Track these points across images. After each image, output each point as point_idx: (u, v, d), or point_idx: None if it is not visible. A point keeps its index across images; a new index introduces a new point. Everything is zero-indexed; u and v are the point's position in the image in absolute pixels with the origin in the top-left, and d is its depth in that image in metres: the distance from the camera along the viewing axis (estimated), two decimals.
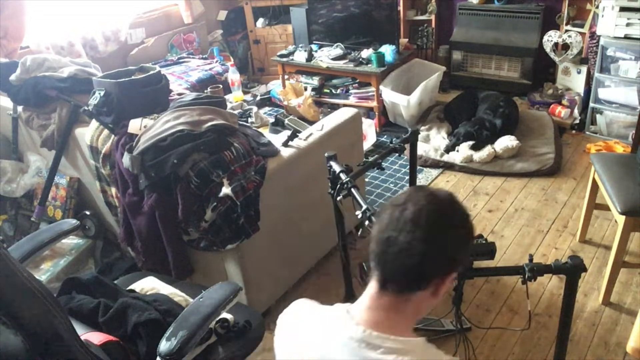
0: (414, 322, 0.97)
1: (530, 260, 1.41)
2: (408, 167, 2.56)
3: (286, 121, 3.44)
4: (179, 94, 2.44)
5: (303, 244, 2.35)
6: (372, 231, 0.94)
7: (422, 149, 3.38)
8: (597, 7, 3.36)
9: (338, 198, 1.81)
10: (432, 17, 4.31)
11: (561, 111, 3.71)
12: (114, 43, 3.78)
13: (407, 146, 2.40)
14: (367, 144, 3.53)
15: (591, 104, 3.52)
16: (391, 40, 3.82)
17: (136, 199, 2.03)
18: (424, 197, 0.90)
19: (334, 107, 3.71)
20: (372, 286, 0.93)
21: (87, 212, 2.61)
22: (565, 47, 3.71)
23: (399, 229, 0.87)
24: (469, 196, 3.04)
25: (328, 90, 4.03)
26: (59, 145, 2.41)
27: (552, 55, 3.78)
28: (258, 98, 4.36)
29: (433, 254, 0.87)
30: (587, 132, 3.61)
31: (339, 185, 1.79)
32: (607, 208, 2.27)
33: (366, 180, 3.19)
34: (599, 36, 3.34)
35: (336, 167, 1.86)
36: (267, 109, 4.29)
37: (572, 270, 1.41)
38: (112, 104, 2.10)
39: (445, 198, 0.93)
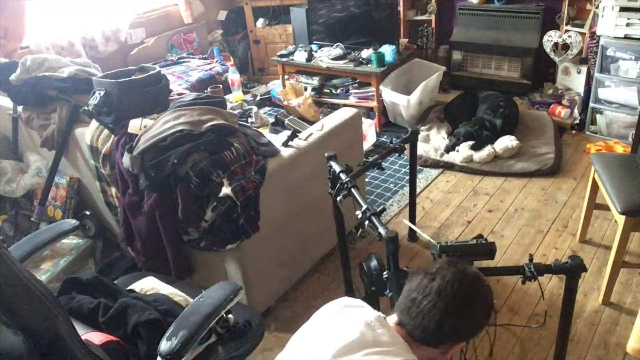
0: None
1: (531, 260, 1.41)
2: (408, 167, 2.56)
3: (286, 121, 3.44)
4: (179, 94, 2.44)
5: (303, 243, 2.36)
6: (405, 287, 1.08)
7: (422, 149, 3.38)
8: (597, 7, 3.36)
9: (338, 198, 1.81)
10: (432, 17, 4.31)
11: (561, 111, 3.71)
12: (114, 43, 3.78)
13: (407, 146, 2.40)
14: (367, 144, 3.54)
15: (591, 104, 3.52)
16: (391, 40, 3.82)
17: (136, 199, 2.03)
18: (453, 273, 1.03)
19: (334, 107, 3.71)
20: (394, 317, 1.09)
21: (87, 212, 2.61)
22: (565, 47, 3.71)
23: (424, 294, 1.02)
24: (469, 196, 3.04)
25: (328, 90, 4.03)
26: (59, 145, 2.41)
27: (552, 55, 3.78)
28: (258, 98, 4.36)
29: (448, 324, 1.00)
30: (587, 132, 3.61)
31: (339, 185, 1.79)
32: (607, 208, 2.27)
33: (366, 180, 3.19)
34: (599, 36, 3.34)
35: (336, 167, 1.86)
36: (267, 109, 4.29)
37: (572, 270, 1.42)
38: (112, 104, 2.10)
39: (473, 278, 1.05)
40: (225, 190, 1.84)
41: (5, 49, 3.02)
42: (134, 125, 2.05)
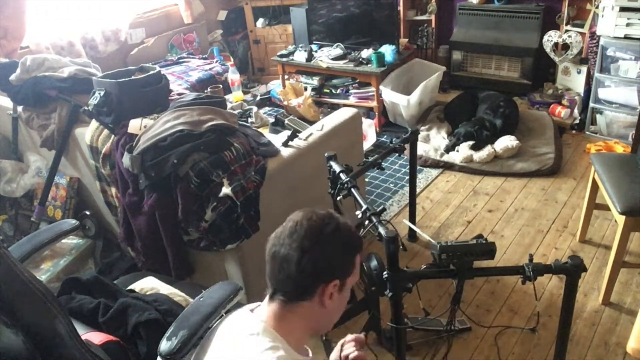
0: (307, 332, 1.07)
1: (531, 260, 1.41)
2: (408, 167, 2.56)
3: (286, 121, 3.44)
4: (179, 94, 2.45)
5: None
6: (266, 251, 1.05)
7: (422, 149, 3.38)
8: (597, 7, 3.36)
9: (338, 198, 1.81)
10: (432, 17, 4.31)
11: (561, 111, 3.71)
12: (114, 43, 3.78)
13: (407, 146, 2.40)
14: (367, 144, 3.54)
15: (591, 104, 3.52)
16: (391, 40, 3.82)
17: (136, 199, 2.03)
18: (302, 215, 1.04)
19: (334, 107, 3.71)
20: (266, 298, 1.06)
21: (87, 212, 2.61)
22: (565, 47, 3.71)
23: (280, 243, 1.01)
24: (469, 196, 3.04)
25: (328, 90, 4.03)
26: (59, 145, 2.41)
27: (552, 55, 3.78)
28: (258, 98, 4.36)
29: (308, 262, 0.98)
30: (587, 132, 3.61)
31: (339, 185, 1.79)
32: (607, 208, 2.27)
33: (366, 180, 3.19)
34: (599, 36, 3.34)
35: (336, 167, 1.86)
36: (267, 109, 4.29)
37: (572, 270, 1.42)
38: (112, 104, 2.10)
39: (322, 214, 1.06)
40: (225, 190, 1.84)
41: (5, 49, 3.02)
42: (134, 125, 2.05)
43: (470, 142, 3.33)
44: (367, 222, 1.60)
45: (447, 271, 1.42)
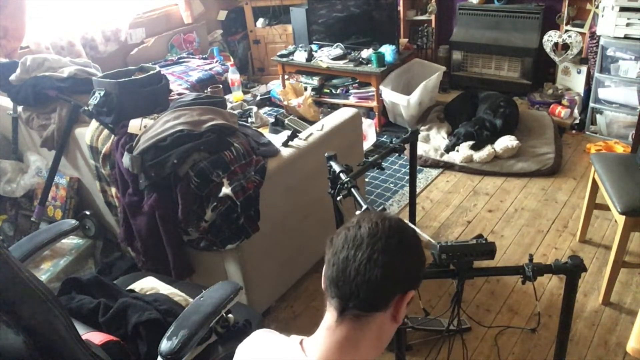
0: (375, 355, 0.92)
1: (531, 260, 1.41)
2: (408, 167, 2.56)
3: (286, 121, 3.44)
4: (179, 94, 2.44)
5: (303, 244, 2.35)
6: (326, 257, 0.91)
7: (422, 149, 3.38)
8: (597, 7, 3.36)
9: (338, 198, 1.81)
10: (432, 17, 4.31)
11: (561, 111, 3.71)
12: (114, 43, 3.78)
13: (407, 146, 2.40)
14: (367, 144, 3.54)
15: (591, 104, 3.52)
16: (391, 40, 3.82)
17: (136, 199, 2.03)
18: (375, 216, 0.91)
19: (334, 107, 3.71)
20: (328, 318, 0.90)
21: (87, 212, 2.61)
22: (565, 47, 3.71)
23: (356, 246, 0.87)
24: (469, 196, 3.05)
25: (328, 90, 4.03)
26: (59, 145, 2.41)
27: (552, 55, 3.78)
28: (258, 98, 4.36)
29: (394, 265, 0.86)
30: (587, 132, 3.61)
31: (339, 185, 1.79)
32: (607, 208, 2.27)
33: (366, 180, 3.19)
34: (599, 36, 3.34)
35: (336, 167, 1.86)
36: (267, 109, 4.29)
37: (572, 270, 1.41)
38: (112, 104, 2.10)
39: (396, 218, 0.93)
40: (225, 190, 1.84)
41: (5, 49, 3.02)
42: (134, 125, 2.06)
43: (470, 142, 3.33)
44: None
45: (447, 271, 1.42)
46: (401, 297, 0.89)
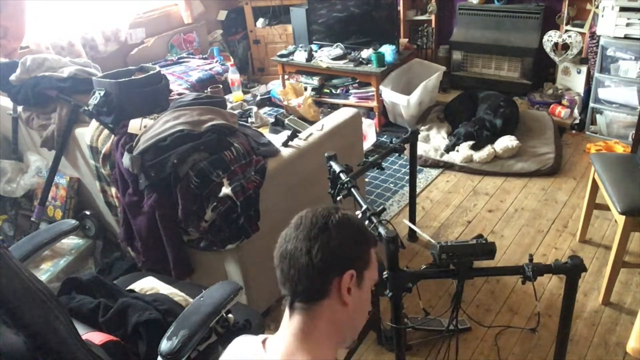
0: (335, 343, 0.96)
1: (530, 260, 1.41)
2: (408, 167, 2.56)
3: (286, 121, 3.44)
4: (179, 94, 2.44)
5: None
6: (275, 260, 0.97)
7: (422, 149, 3.38)
8: (597, 7, 3.36)
9: (338, 198, 1.81)
10: (432, 17, 4.31)
11: (561, 111, 3.71)
12: (114, 43, 3.78)
13: (407, 146, 2.40)
14: (367, 144, 3.54)
15: (591, 104, 3.52)
16: (391, 40, 3.82)
17: (136, 199, 2.03)
18: (306, 210, 0.97)
19: (334, 107, 3.71)
20: (285, 315, 0.96)
21: (87, 212, 2.61)
22: (565, 47, 3.71)
23: (286, 240, 0.94)
24: (469, 196, 3.04)
25: (328, 90, 4.03)
26: (59, 145, 2.41)
27: (552, 55, 3.78)
28: (258, 98, 4.36)
29: (318, 250, 0.91)
30: (587, 132, 3.61)
31: (339, 185, 1.79)
32: (607, 208, 2.27)
33: (366, 180, 3.19)
34: (599, 36, 3.34)
35: (336, 167, 1.86)
36: (267, 109, 4.29)
37: (572, 270, 1.42)
38: (112, 104, 2.10)
39: (327, 206, 0.98)
40: (225, 190, 1.85)
41: (5, 49, 3.02)
42: (134, 125, 2.06)
43: (470, 142, 3.33)
44: (367, 222, 1.60)
45: (447, 271, 1.42)
46: (339, 279, 0.92)
